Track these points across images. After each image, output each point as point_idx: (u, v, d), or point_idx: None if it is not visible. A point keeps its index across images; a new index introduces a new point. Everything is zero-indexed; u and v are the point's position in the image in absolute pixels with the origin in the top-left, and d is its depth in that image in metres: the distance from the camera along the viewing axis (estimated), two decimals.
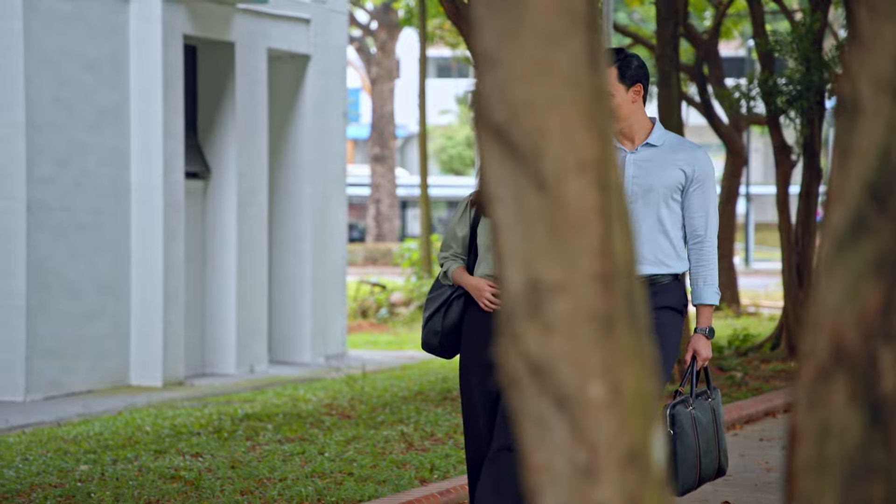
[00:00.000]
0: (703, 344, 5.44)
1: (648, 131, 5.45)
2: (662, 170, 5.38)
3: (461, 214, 5.63)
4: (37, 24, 12.54)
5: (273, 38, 15.30)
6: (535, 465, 2.07)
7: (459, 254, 5.63)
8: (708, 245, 5.42)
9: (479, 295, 5.50)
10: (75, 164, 13.04)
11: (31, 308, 12.57)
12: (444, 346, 5.68)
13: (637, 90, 5.41)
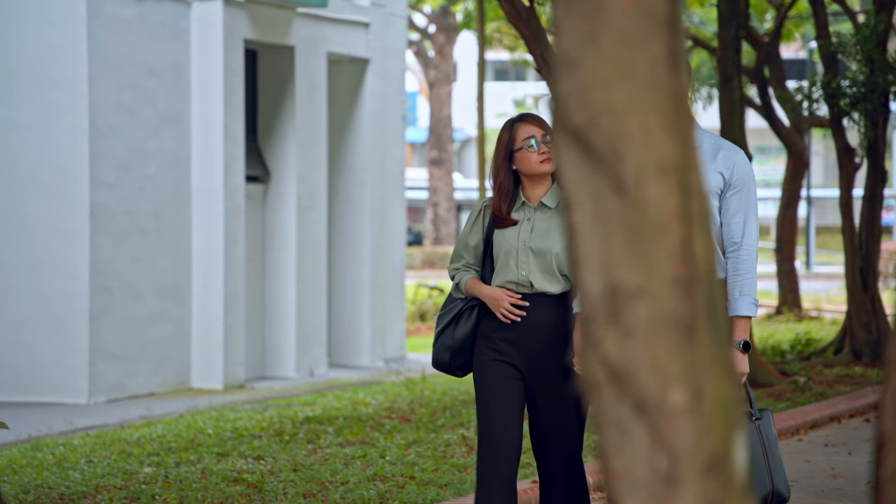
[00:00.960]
0: (738, 359, 5.06)
1: None
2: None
3: (474, 222, 5.38)
4: (100, 29, 12.65)
5: (332, 42, 15.34)
6: (615, 470, 2.05)
7: (472, 264, 5.37)
8: (745, 253, 5.13)
9: (497, 305, 5.21)
10: (137, 169, 13.13)
11: (94, 311, 12.67)
12: (455, 362, 5.35)
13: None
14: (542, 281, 5.18)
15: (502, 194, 5.28)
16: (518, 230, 5.25)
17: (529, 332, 5.16)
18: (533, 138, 5.25)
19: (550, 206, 5.27)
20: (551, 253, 5.18)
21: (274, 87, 14.89)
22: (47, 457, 8.91)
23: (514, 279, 5.21)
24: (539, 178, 5.27)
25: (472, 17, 24.56)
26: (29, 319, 12.51)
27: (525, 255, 5.21)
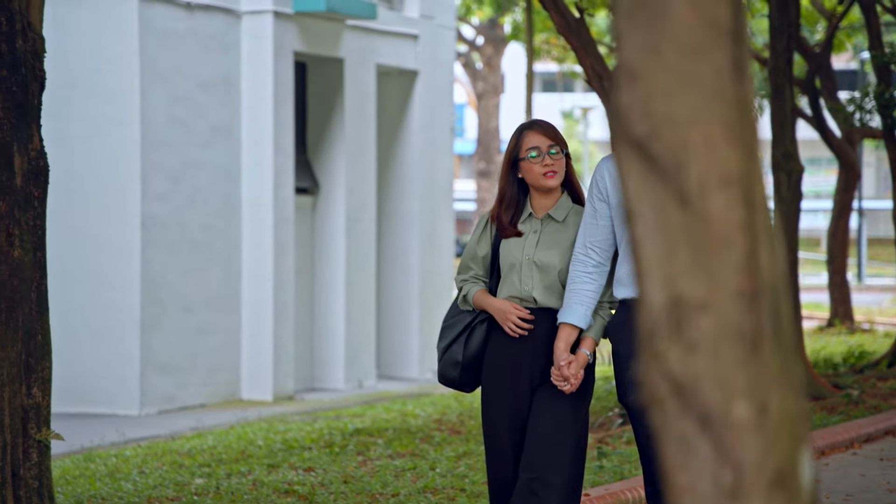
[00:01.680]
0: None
1: None
2: None
3: (482, 232, 5.16)
4: (152, 42, 12.73)
5: (382, 55, 15.37)
6: (679, 485, 2.03)
7: (480, 276, 5.15)
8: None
9: (505, 318, 5.02)
10: (188, 181, 13.20)
11: (145, 323, 12.74)
12: (465, 378, 5.14)
13: None
14: (545, 296, 5.02)
15: (504, 203, 5.09)
16: (523, 243, 5.06)
17: (533, 346, 5.02)
18: (537, 149, 5.03)
19: (558, 218, 5.08)
20: (555, 268, 5.01)
21: (323, 99, 14.94)
22: (100, 468, 8.95)
23: (516, 294, 5.05)
24: (544, 189, 5.07)
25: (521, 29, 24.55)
26: (81, 331, 12.60)
27: (529, 269, 5.03)
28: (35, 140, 5.72)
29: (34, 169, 5.71)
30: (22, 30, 5.61)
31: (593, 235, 4.92)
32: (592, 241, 4.91)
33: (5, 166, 5.61)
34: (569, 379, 4.89)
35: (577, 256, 4.94)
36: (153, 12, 12.75)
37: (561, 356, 4.91)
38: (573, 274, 4.93)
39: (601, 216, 4.90)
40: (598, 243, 4.91)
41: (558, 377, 4.90)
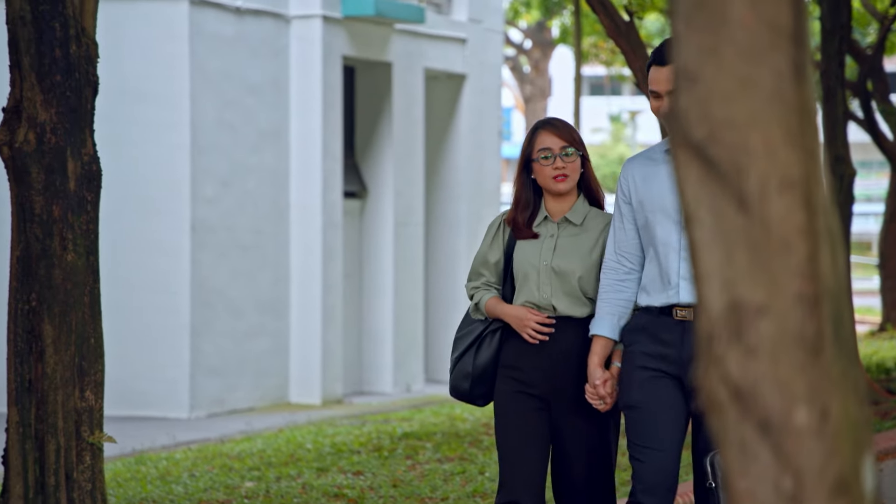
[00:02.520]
0: None
1: None
2: None
3: (493, 237, 4.88)
4: (201, 47, 12.80)
5: (430, 58, 15.38)
6: (739, 491, 2.01)
7: (493, 283, 4.87)
8: None
9: (522, 325, 4.72)
10: (237, 185, 13.26)
11: (195, 326, 12.80)
12: (476, 391, 4.86)
13: None
14: (565, 304, 4.75)
15: (521, 206, 4.83)
16: (539, 248, 4.79)
17: (554, 359, 4.72)
18: (549, 150, 4.77)
19: (576, 222, 4.81)
20: (575, 274, 4.75)
21: (371, 103, 14.97)
22: (151, 470, 9.00)
23: (534, 301, 4.77)
24: (556, 193, 4.82)
25: (569, 32, 24.49)
26: (132, 334, 12.68)
27: (546, 275, 4.76)
28: (88, 145, 5.76)
29: (87, 173, 5.75)
30: (76, 35, 5.65)
31: (623, 241, 4.69)
32: (623, 246, 4.68)
33: (59, 171, 5.65)
34: (605, 398, 4.62)
35: (607, 264, 4.70)
36: (203, 17, 12.82)
37: (596, 373, 4.63)
38: (605, 282, 4.68)
39: (628, 220, 4.69)
40: (629, 248, 4.68)
41: (594, 396, 4.62)
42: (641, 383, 4.55)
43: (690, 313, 4.50)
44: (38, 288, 5.60)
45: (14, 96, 5.65)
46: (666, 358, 4.52)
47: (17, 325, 5.62)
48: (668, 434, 4.54)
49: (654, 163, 4.65)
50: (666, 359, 4.52)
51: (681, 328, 4.52)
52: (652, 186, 4.60)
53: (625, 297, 4.66)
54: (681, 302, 4.51)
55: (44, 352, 5.58)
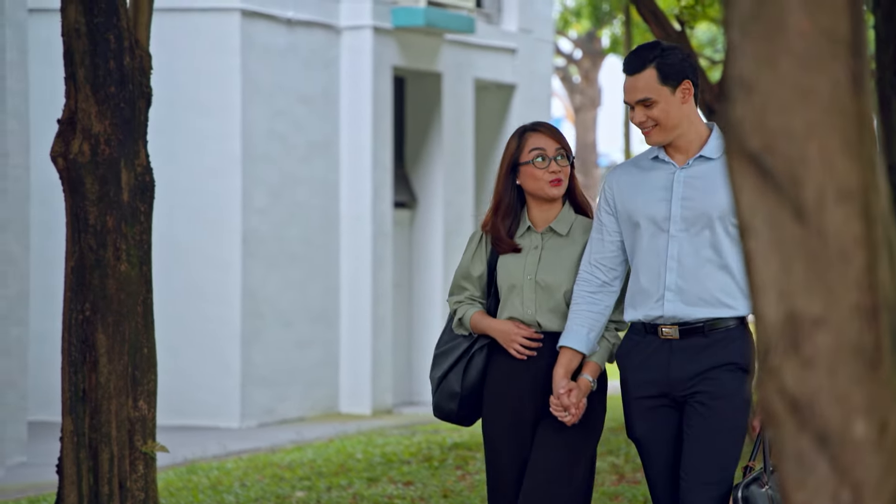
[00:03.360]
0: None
1: (704, 141, 4.40)
2: (718, 189, 4.31)
3: (475, 249, 4.62)
4: (253, 59, 12.86)
5: (480, 68, 15.39)
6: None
7: (477, 297, 4.61)
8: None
9: (509, 340, 4.49)
10: (287, 196, 13.31)
11: (246, 337, 12.86)
12: (464, 411, 4.61)
13: (686, 88, 4.35)
14: (549, 320, 4.51)
15: (502, 213, 4.55)
16: (524, 260, 4.53)
17: (539, 376, 4.51)
18: (543, 152, 4.51)
19: (561, 232, 4.55)
20: (561, 288, 4.50)
21: (421, 113, 14.99)
22: (202, 480, 9.04)
23: (518, 317, 4.53)
24: (546, 199, 4.55)
25: (619, 42, 24.44)
26: (183, 344, 12.74)
27: (531, 290, 4.51)
28: (141, 156, 5.80)
29: (140, 184, 5.79)
30: (130, 47, 5.70)
31: (599, 252, 4.46)
32: (598, 258, 4.46)
33: (113, 182, 5.69)
34: (569, 409, 4.40)
35: (581, 275, 4.47)
36: (255, 28, 12.89)
37: (560, 383, 4.41)
38: (576, 294, 4.46)
39: (608, 231, 4.45)
40: (605, 261, 4.46)
41: (557, 407, 4.41)
42: (642, 415, 4.40)
43: (676, 331, 4.33)
44: (92, 298, 5.64)
45: (69, 108, 5.71)
46: (655, 383, 4.35)
47: (71, 335, 5.67)
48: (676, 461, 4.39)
49: (642, 171, 4.44)
50: (655, 384, 4.35)
51: (667, 348, 4.34)
52: (639, 195, 4.40)
53: (597, 310, 4.45)
54: (665, 315, 4.31)
55: (97, 361, 5.62)
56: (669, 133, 4.35)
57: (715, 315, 4.31)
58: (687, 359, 4.32)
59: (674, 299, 4.31)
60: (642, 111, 4.33)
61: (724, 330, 4.32)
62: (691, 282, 4.31)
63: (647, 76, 4.32)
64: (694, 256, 4.31)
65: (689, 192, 4.34)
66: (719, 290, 4.30)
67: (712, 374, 4.31)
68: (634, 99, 4.31)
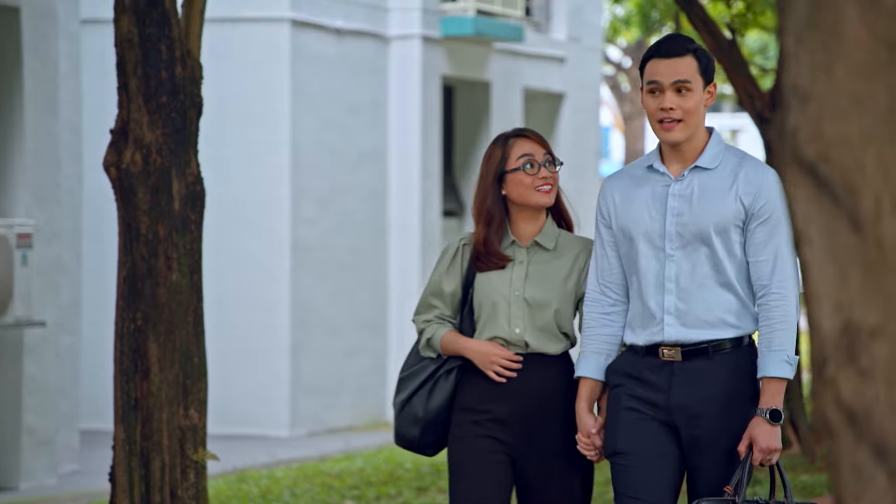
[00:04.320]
0: (764, 431, 3.91)
1: (701, 147, 4.08)
2: (716, 201, 4.01)
3: (449, 265, 4.25)
4: (303, 68, 12.92)
5: (528, 77, 15.38)
6: None
7: (447, 316, 4.25)
8: (776, 298, 3.98)
9: (488, 361, 4.12)
10: (336, 205, 13.35)
11: (295, 346, 12.90)
12: (426, 439, 4.23)
13: (711, 91, 4.09)
14: (539, 339, 4.16)
15: (491, 225, 4.22)
16: (509, 276, 4.18)
17: (523, 402, 4.13)
18: (531, 157, 4.21)
19: (547, 246, 4.23)
20: (551, 306, 4.17)
21: (469, 122, 14.99)
22: (252, 489, 9.07)
23: (504, 336, 4.17)
24: (532, 210, 4.23)
25: None
26: (233, 353, 12.80)
27: (518, 307, 4.17)
28: (192, 165, 5.83)
29: (191, 194, 5.82)
30: (181, 57, 5.73)
31: (605, 269, 4.13)
32: (605, 276, 4.13)
33: (164, 191, 5.72)
34: (601, 448, 4.07)
35: (590, 295, 4.14)
36: (304, 38, 12.94)
37: (588, 422, 4.08)
38: (588, 317, 4.13)
39: (609, 246, 4.13)
40: (613, 277, 4.13)
41: (588, 446, 4.07)
42: (628, 427, 4.02)
43: (678, 353, 4.01)
44: (143, 307, 5.67)
45: (121, 118, 5.74)
46: (654, 404, 4.02)
47: (123, 344, 5.70)
48: (658, 483, 4.00)
49: (636, 181, 4.11)
50: (654, 405, 4.02)
51: (668, 370, 4.01)
52: (633, 208, 4.08)
53: (611, 332, 4.13)
54: (666, 340, 4.00)
55: (149, 370, 5.65)
56: (689, 131, 4.02)
57: (719, 336, 4.01)
58: (689, 382, 4.00)
59: (674, 323, 4.01)
60: (675, 97, 4.00)
61: (729, 351, 4.02)
62: (691, 303, 4.01)
63: (688, 62, 4.03)
64: (692, 276, 4.01)
65: (683, 208, 4.02)
66: (722, 310, 4.01)
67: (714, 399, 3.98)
68: (672, 80, 3.99)
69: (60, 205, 9.85)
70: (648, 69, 4.06)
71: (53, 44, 9.60)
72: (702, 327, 4.00)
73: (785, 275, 4.00)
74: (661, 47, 4.06)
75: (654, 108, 4.02)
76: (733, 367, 4.01)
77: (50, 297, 9.56)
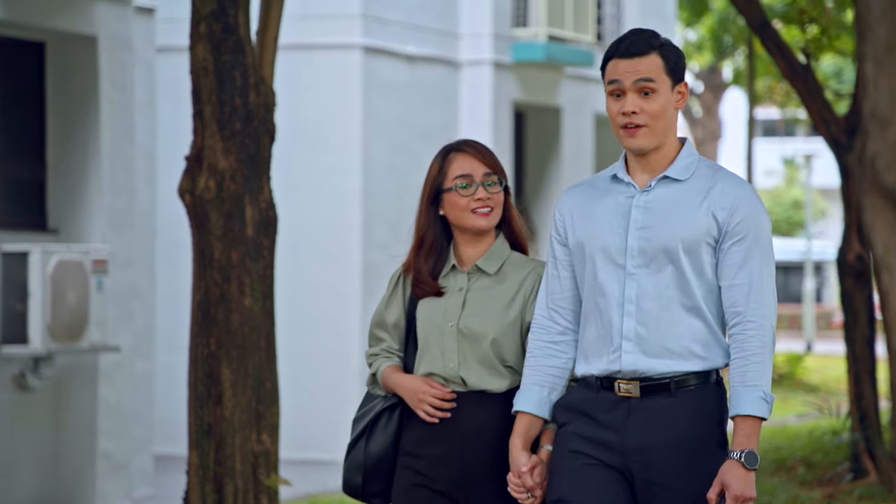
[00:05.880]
0: (738, 477, 3.45)
1: (672, 157, 3.63)
2: (685, 215, 3.56)
3: (391, 294, 3.89)
4: (375, 94, 12.98)
5: (599, 102, 15.35)
6: None
7: (394, 349, 3.85)
8: (752, 328, 3.52)
9: (417, 399, 3.71)
10: (407, 230, 13.35)
11: (365, 371, 12.91)
12: (371, 487, 3.83)
13: (682, 91, 3.62)
14: (477, 375, 3.72)
15: (425, 250, 3.84)
16: (444, 305, 3.77)
17: (463, 444, 3.70)
18: (468, 177, 3.79)
19: (489, 271, 3.79)
20: (487, 337, 3.72)
21: (540, 147, 14.98)
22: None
23: (439, 372, 3.74)
24: (473, 233, 3.81)
25: (742, 74, 24.21)
26: (305, 378, 12.84)
27: (452, 339, 3.74)
28: (265, 191, 5.87)
29: (264, 219, 5.86)
30: (255, 84, 5.78)
31: (556, 291, 3.69)
32: (556, 298, 3.68)
33: (237, 217, 5.76)
34: (534, 490, 3.61)
35: (537, 321, 3.68)
36: (376, 64, 13.00)
37: (520, 459, 3.60)
38: (533, 345, 3.67)
39: (563, 265, 3.70)
40: (564, 301, 3.68)
41: (519, 488, 3.61)
42: (573, 473, 3.56)
43: (636, 388, 3.54)
44: (216, 332, 5.71)
45: (196, 145, 5.80)
46: (606, 445, 3.54)
47: (197, 369, 5.74)
48: None
49: (598, 193, 3.67)
50: (606, 446, 3.54)
51: (625, 407, 3.54)
52: (592, 223, 3.64)
53: (558, 364, 3.66)
54: (623, 370, 3.53)
55: (222, 395, 5.68)
56: (656, 138, 3.58)
57: (683, 369, 3.53)
58: (648, 422, 3.52)
59: (632, 350, 3.53)
60: (637, 100, 3.55)
61: (694, 388, 3.53)
62: (653, 328, 3.53)
63: (651, 60, 3.56)
64: (656, 298, 3.54)
65: (648, 220, 3.57)
66: (688, 338, 3.54)
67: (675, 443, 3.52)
68: (633, 80, 3.53)
69: (135, 231, 9.95)
70: (609, 70, 3.60)
71: (129, 72, 9.72)
72: (664, 356, 3.53)
73: (762, 302, 3.53)
74: (621, 45, 3.60)
75: (616, 113, 3.58)
76: (698, 406, 3.53)
77: (125, 323, 9.65)
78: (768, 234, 3.59)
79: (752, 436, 3.47)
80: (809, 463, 10.72)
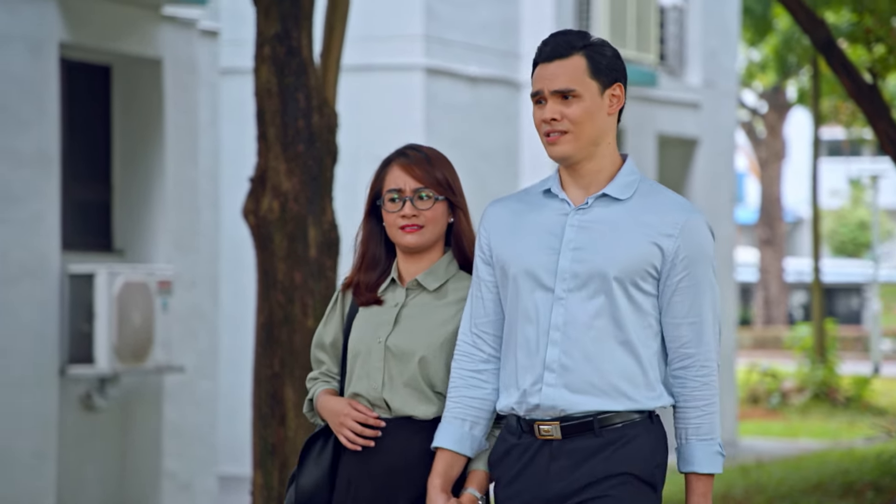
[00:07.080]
0: None
1: (612, 173, 3.33)
2: (624, 239, 3.23)
3: (330, 311, 3.58)
4: (436, 114, 13.00)
5: (662, 123, 15.29)
6: None
7: (334, 373, 3.53)
8: (704, 374, 3.23)
9: (338, 424, 3.39)
10: None
11: None
12: None
13: (616, 94, 3.32)
14: (403, 399, 3.39)
15: (365, 263, 3.54)
16: (376, 321, 3.46)
17: (387, 475, 3.37)
18: (398, 192, 3.54)
19: (429, 287, 3.47)
20: (415, 356, 3.39)
21: None
22: None
23: (363, 393, 3.42)
24: (405, 248, 3.51)
25: (807, 94, 24.04)
26: None
27: (379, 357, 3.42)
28: (328, 212, 5.89)
29: (327, 241, 5.87)
30: (318, 106, 5.80)
31: (481, 315, 3.34)
32: (480, 322, 3.34)
33: (300, 238, 5.79)
34: None
35: (460, 347, 3.34)
36: (438, 85, 13.03)
37: (437, 499, 3.28)
38: (455, 374, 3.33)
39: (487, 287, 3.35)
40: (488, 326, 3.33)
41: None
42: None
43: (556, 428, 3.19)
44: (280, 353, 5.72)
45: (260, 166, 5.83)
46: (531, 501, 3.23)
47: (260, 390, 5.76)
48: None
49: (527, 208, 3.35)
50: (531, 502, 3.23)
51: (546, 452, 3.21)
52: (518, 240, 3.30)
53: (481, 395, 3.32)
54: (542, 405, 3.19)
55: (285, 416, 5.69)
56: (583, 146, 3.27)
57: (609, 408, 3.18)
58: (571, 467, 3.18)
59: (555, 383, 3.18)
60: (557, 106, 3.25)
61: (620, 427, 3.18)
62: (579, 360, 3.19)
63: (573, 63, 3.25)
64: (585, 327, 3.19)
65: (584, 242, 3.23)
66: (617, 375, 3.18)
67: (602, 487, 3.17)
68: (551, 87, 3.24)
69: (199, 252, 10.02)
70: (534, 76, 3.32)
71: (194, 94, 9.80)
72: (588, 392, 3.18)
73: (711, 345, 3.23)
74: (543, 49, 3.30)
75: (539, 121, 3.28)
76: (625, 445, 3.19)
77: (189, 343, 9.71)
78: (714, 263, 3.28)
79: (708, 494, 3.20)
80: (878, 487, 10.59)
